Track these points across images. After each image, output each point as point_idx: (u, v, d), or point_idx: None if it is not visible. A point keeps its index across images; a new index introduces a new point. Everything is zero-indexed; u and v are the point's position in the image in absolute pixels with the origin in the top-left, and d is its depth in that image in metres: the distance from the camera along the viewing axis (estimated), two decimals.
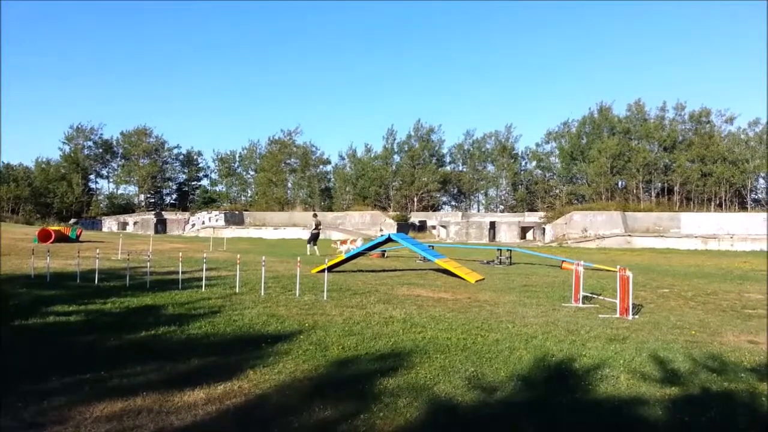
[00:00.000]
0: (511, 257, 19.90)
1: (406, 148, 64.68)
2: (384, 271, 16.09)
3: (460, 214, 54.07)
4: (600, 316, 9.09)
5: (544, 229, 40.92)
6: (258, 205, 62.65)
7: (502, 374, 5.50)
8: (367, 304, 9.60)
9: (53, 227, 28.81)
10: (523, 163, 66.94)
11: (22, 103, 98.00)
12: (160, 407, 4.27)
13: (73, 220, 50.71)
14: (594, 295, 10.94)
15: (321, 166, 68.26)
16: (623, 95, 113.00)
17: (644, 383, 5.32)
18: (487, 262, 19.47)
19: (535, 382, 5.33)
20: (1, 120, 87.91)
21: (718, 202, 51.51)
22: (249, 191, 71.43)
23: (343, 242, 23.47)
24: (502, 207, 65.12)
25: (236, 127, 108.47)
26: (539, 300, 10.76)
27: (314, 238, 24.07)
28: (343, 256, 15.27)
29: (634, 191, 53.80)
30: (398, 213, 53.28)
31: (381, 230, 40.89)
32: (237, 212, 53.60)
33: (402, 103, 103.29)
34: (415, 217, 52.80)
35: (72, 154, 66.13)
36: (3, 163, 61.70)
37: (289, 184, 67.90)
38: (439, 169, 64.57)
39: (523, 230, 43.26)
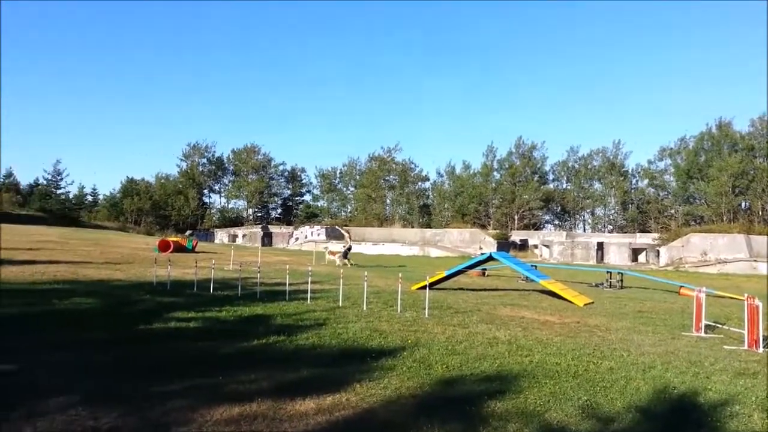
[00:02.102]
0: (622, 280, 18.86)
1: (507, 165, 63.55)
2: (485, 290, 15.80)
3: (564, 233, 52.12)
4: (725, 347, 8.36)
5: (658, 251, 38.52)
6: (357, 220, 63.95)
7: (619, 405, 5.19)
8: (469, 323, 9.45)
9: (172, 238, 30.96)
10: (634, 181, 63.61)
11: (145, 122, 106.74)
12: (274, 414, 4.42)
13: (188, 232, 54.32)
14: (718, 325, 10.08)
15: (419, 183, 68.65)
16: (744, 110, 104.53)
17: None
18: (596, 285, 18.58)
19: (655, 414, 4.98)
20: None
21: None
22: (349, 207, 73.16)
23: (333, 253, 26.02)
24: (610, 227, 62.16)
25: (337, 144, 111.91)
26: (656, 327, 10.09)
27: (347, 251, 26.39)
28: (444, 274, 15.16)
29: (760, 213, 49.29)
30: (498, 231, 52.27)
31: (480, 248, 40.29)
32: (337, 227, 55.02)
33: (502, 120, 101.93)
34: (515, 236, 51.51)
35: (188, 170, 71.11)
36: (127, 177, 67.47)
37: (388, 201, 68.79)
38: (542, 187, 62.79)
39: (635, 252, 40.96)
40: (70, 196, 64.22)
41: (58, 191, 62.81)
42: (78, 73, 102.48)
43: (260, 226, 59.21)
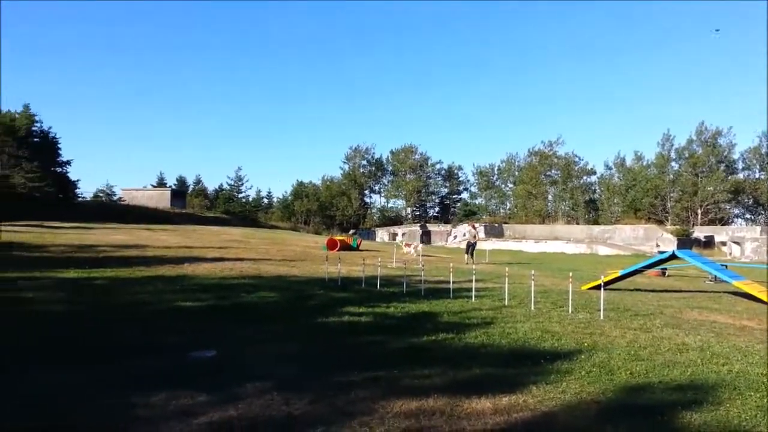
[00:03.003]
0: None
1: (686, 155, 57.71)
2: (666, 291, 14.49)
3: (758, 228, 45.96)
4: None
5: None
6: (517, 217, 62.41)
7: None
8: (652, 327, 8.69)
9: (338, 237, 32.67)
10: None
11: (312, 127, 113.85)
12: (451, 411, 4.42)
13: (352, 231, 56.99)
14: None
15: (585, 177, 65.08)
16: None
17: None
18: None
19: None
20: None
21: None
22: (507, 204, 71.69)
23: (407, 244, 25.71)
24: None
25: (495, 140, 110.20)
26: None
27: (472, 248, 24.39)
28: (618, 273, 14.14)
29: None
30: (678, 227, 47.65)
31: (657, 246, 37.07)
32: (496, 225, 54.16)
33: (679, 105, 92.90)
34: (698, 232, 46.53)
35: (351, 172, 74.73)
36: (298, 181, 72.70)
37: (550, 197, 66.19)
38: (729, 177, 56.11)
39: None
40: (250, 199, 70.95)
41: (239, 195, 69.70)
42: (255, 88, 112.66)
43: (419, 224, 60.29)
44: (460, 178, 77.20)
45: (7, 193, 34.00)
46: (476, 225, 32.25)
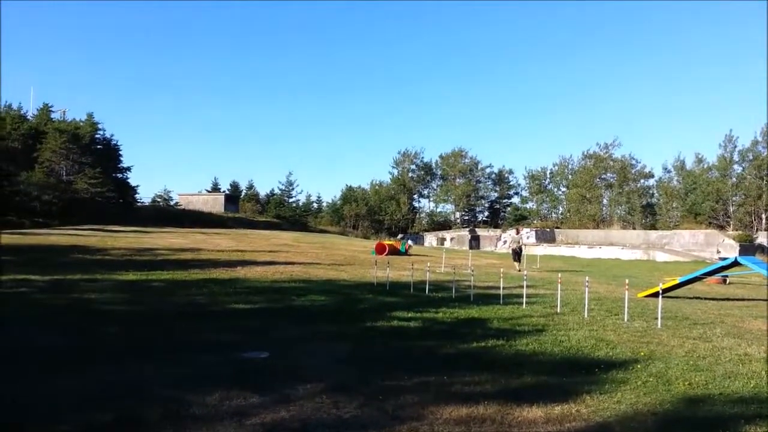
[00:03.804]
0: None
1: (751, 157, 55.02)
2: (727, 299, 13.89)
3: None
4: None
5: None
6: (570, 222, 61.03)
7: None
8: (712, 336, 8.36)
9: (387, 241, 32.72)
10: None
11: (362, 131, 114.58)
12: (501, 418, 4.37)
13: (400, 236, 56.99)
14: None
15: (642, 180, 63.00)
16: None
17: None
18: None
19: None
20: None
21: None
22: (560, 208, 70.19)
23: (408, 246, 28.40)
24: None
25: (548, 144, 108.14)
26: None
27: (518, 254, 23.28)
28: (677, 280, 13.64)
29: None
30: (741, 232, 45.51)
31: (718, 252, 35.55)
32: (548, 230, 53.07)
33: (743, 105, 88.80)
34: (762, 238, 44.29)
35: (400, 177, 74.83)
36: (347, 185, 73.22)
37: (605, 201, 64.42)
38: None
39: None
40: (300, 203, 72.03)
41: (290, 200, 70.85)
42: (304, 94, 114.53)
43: (467, 229, 59.78)
44: (511, 182, 76.15)
45: (71, 198, 35.70)
46: (521, 229, 31.21)
